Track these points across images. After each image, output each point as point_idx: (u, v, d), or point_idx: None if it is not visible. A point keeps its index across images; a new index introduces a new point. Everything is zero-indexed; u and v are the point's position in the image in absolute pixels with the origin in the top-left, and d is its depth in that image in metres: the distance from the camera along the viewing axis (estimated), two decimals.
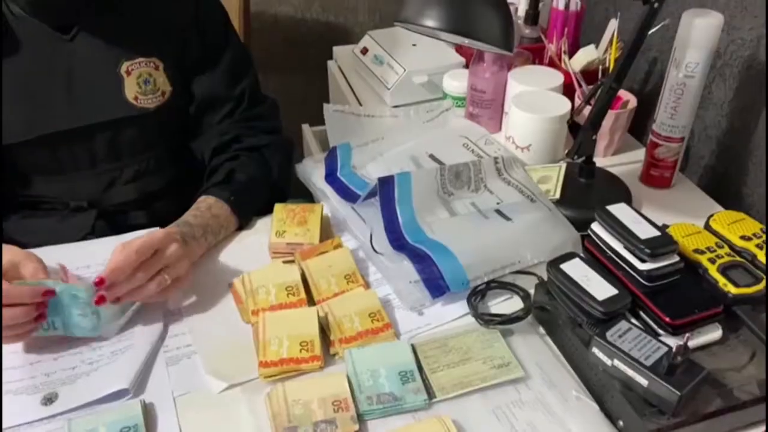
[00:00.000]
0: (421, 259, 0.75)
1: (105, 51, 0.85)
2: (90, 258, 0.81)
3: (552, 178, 0.92)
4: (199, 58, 0.92)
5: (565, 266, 0.69)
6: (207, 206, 0.84)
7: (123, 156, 0.91)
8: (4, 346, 0.69)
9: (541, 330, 0.73)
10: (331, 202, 0.91)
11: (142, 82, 0.88)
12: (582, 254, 0.72)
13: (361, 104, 1.25)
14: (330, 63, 1.46)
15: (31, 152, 0.87)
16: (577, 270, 0.68)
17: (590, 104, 0.90)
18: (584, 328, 0.66)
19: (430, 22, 0.58)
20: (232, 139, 0.92)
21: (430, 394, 0.63)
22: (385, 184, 0.81)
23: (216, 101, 0.93)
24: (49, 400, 0.64)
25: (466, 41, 0.68)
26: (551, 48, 1.16)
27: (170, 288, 0.71)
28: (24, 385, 0.65)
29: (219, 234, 0.84)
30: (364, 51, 1.29)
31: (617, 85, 0.84)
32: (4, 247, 0.71)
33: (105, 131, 0.88)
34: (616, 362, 0.61)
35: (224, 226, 0.85)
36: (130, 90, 0.87)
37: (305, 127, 1.42)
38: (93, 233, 0.90)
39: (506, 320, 0.70)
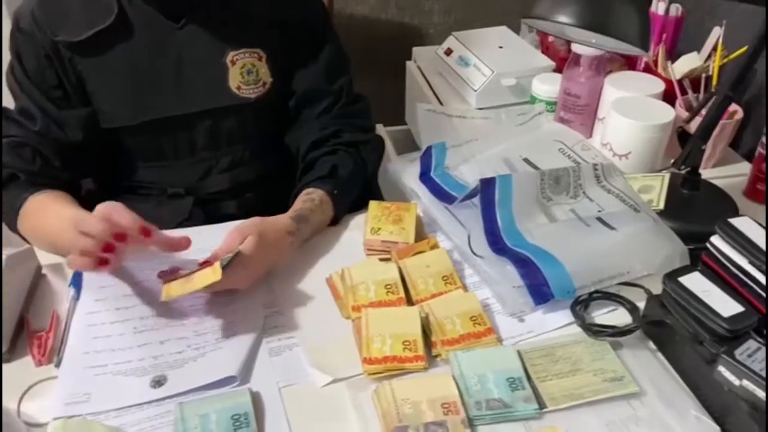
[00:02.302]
0: (524, 264, 0.73)
1: (212, 40, 0.87)
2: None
3: (654, 188, 0.88)
4: (301, 52, 0.92)
5: (684, 280, 0.66)
6: (319, 199, 0.84)
7: (221, 145, 0.92)
8: (110, 331, 0.70)
9: (652, 345, 0.70)
10: (422, 202, 0.90)
11: (245, 72, 0.89)
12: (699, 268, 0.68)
13: (442, 105, 1.23)
14: (409, 63, 1.46)
15: (135, 137, 0.89)
16: (697, 284, 0.65)
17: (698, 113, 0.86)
18: (706, 345, 0.62)
19: (564, 18, 0.57)
20: (331, 134, 0.92)
21: (540, 403, 0.61)
22: (487, 185, 0.80)
23: (316, 96, 0.93)
24: (158, 382, 0.64)
25: (593, 40, 0.66)
26: (648, 54, 1.12)
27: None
28: (132, 367, 0.66)
29: (320, 227, 0.84)
30: (448, 52, 1.27)
31: (734, 95, 0.80)
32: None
33: (207, 120, 0.90)
34: (746, 382, 0.58)
35: (325, 220, 0.85)
36: (234, 80, 0.88)
37: (379, 126, 1.42)
38: (189, 220, 0.92)
39: (618, 332, 0.68)
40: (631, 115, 0.94)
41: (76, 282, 0.76)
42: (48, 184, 0.84)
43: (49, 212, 0.79)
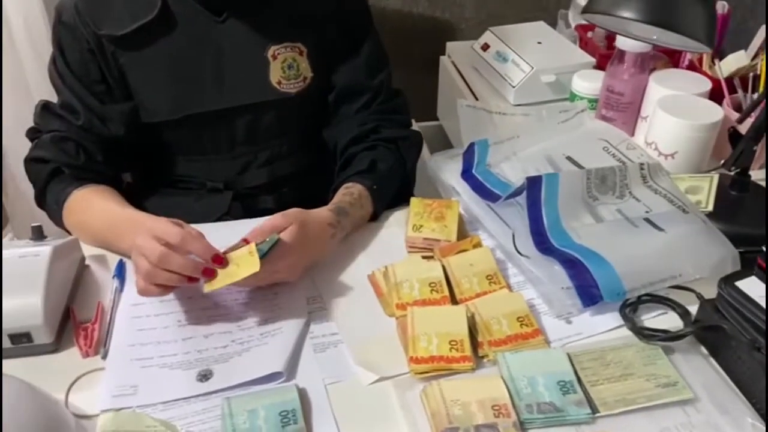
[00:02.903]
0: (573, 265, 0.72)
1: (254, 34, 0.86)
2: (226, 240, 0.81)
3: (703, 189, 0.86)
4: (341, 47, 0.91)
5: (742, 284, 0.64)
6: (358, 193, 0.83)
7: (259, 140, 0.92)
8: (155, 323, 0.70)
9: (704, 350, 0.68)
10: (463, 199, 0.89)
11: (286, 67, 0.88)
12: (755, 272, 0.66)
13: (477, 100, 1.22)
14: (443, 58, 1.44)
15: (175, 132, 0.89)
16: (756, 289, 0.63)
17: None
18: (763, 352, 0.61)
19: (627, 13, 0.55)
20: (371, 130, 0.91)
21: (593, 408, 0.60)
22: (533, 184, 0.78)
23: (356, 90, 0.92)
24: (204, 376, 0.64)
25: (654, 36, 0.64)
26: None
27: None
28: (178, 360, 0.66)
29: (360, 222, 0.84)
30: (485, 47, 1.26)
31: None
32: (153, 218, 0.73)
33: (246, 114, 0.89)
34: None
35: (365, 215, 0.84)
36: (275, 74, 0.88)
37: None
38: (228, 214, 0.92)
39: (671, 337, 0.66)
40: (678, 113, 0.91)
41: (120, 274, 0.76)
42: (92, 179, 0.84)
43: (95, 208, 0.80)
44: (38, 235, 0.72)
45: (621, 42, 0.99)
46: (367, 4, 0.95)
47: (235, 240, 0.70)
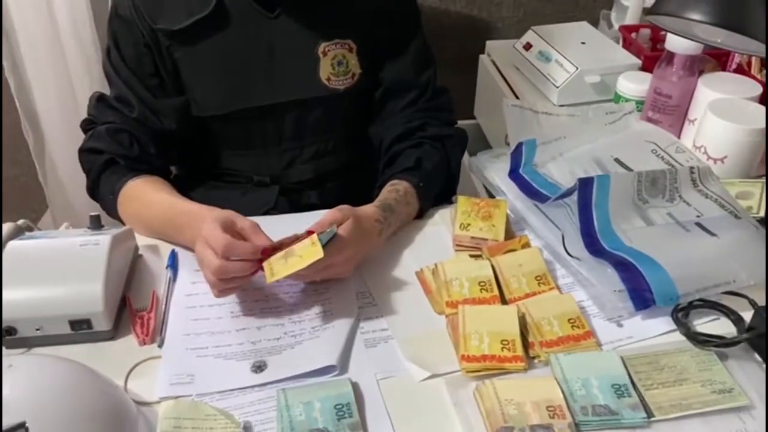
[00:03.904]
0: (625, 268, 0.72)
1: (305, 31, 0.87)
2: (272, 233, 0.81)
3: (753, 195, 0.85)
4: (390, 44, 0.92)
5: None
6: (404, 190, 0.83)
7: (306, 135, 0.93)
8: (208, 314, 0.71)
9: (757, 357, 0.67)
10: (507, 198, 0.88)
11: (335, 64, 0.89)
12: None
13: (518, 100, 1.21)
14: (482, 57, 1.44)
15: (225, 126, 0.90)
16: None
17: None
18: None
19: (696, 15, 0.55)
20: (417, 127, 0.91)
21: (648, 412, 0.60)
22: (585, 185, 0.78)
23: (403, 87, 0.92)
24: (258, 368, 0.65)
25: (719, 39, 0.63)
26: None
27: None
28: (233, 351, 0.67)
29: (406, 219, 0.84)
30: (528, 46, 1.25)
31: None
32: (215, 207, 0.73)
33: (295, 110, 0.90)
34: None
35: (410, 212, 0.84)
36: (324, 70, 0.88)
37: None
38: (275, 208, 0.93)
39: (726, 343, 0.66)
40: (729, 117, 0.90)
41: (173, 264, 0.77)
42: (144, 170, 0.86)
43: (150, 199, 0.81)
44: (96, 224, 0.74)
45: (671, 44, 0.98)
46: (416, 1, 0.95)
47: (288, 233, 0.71)
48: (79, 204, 1.65)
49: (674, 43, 0.97)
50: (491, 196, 0.93)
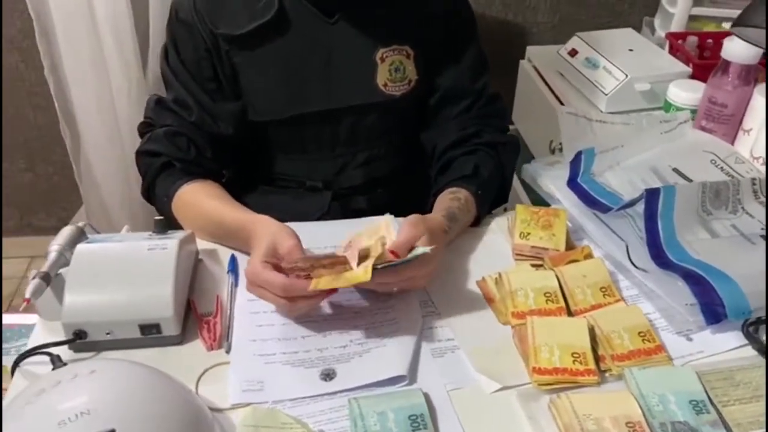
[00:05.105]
0: (696, 281, 0.71)
1: (363, 37, 0.87)
2: (327, 239, 0.79)
3: None
4: (446, 50, 0.91)
5: None
6: (464, 198, 0.83)
7: (360, 141, 0.92)
8: (273, 320, 0.71)
9: None
10: (564, 207, 0.88)
11: (393, 70, 0.88)
12: None
13: (563, 106, 1.21)
14: (522, 62, 1.43)
15: (281, 131, 0.90)
16: None
17: None
18: None
19: None
20: (472, 134, 0.91)
21: (728, 429, 0.59)
22: (652, 196, 0.77)
23: (458, 94, 0.92)
24: (327, 375, 0.65)
25: None
26: None
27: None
28: (300, 358, 0.67)
29: (464, 227, 0.83)
30: (573, 52, 1.24)
31: None
32: (263, 219, 0.73)
33: (351, 115, 0.90)
34: None
35: (469, 220, 0.84)
36: (382, 76, 0.88)
37: None
38: (328, 214, 0.92)
39: None
40: None
41: (233, 268, 0.77)
42: (200, 173, 0.85)
43: (204, 205, 0.81)
44: (161, 228, 0.74)
45: (728, 53, 0.97)
46: (472, 8, 0.94)
47: (342, 238, 0.71)
48: (112, 204, 1.66)
49: (731, 51, 0.96)
50: (535, 203, 0.92)
